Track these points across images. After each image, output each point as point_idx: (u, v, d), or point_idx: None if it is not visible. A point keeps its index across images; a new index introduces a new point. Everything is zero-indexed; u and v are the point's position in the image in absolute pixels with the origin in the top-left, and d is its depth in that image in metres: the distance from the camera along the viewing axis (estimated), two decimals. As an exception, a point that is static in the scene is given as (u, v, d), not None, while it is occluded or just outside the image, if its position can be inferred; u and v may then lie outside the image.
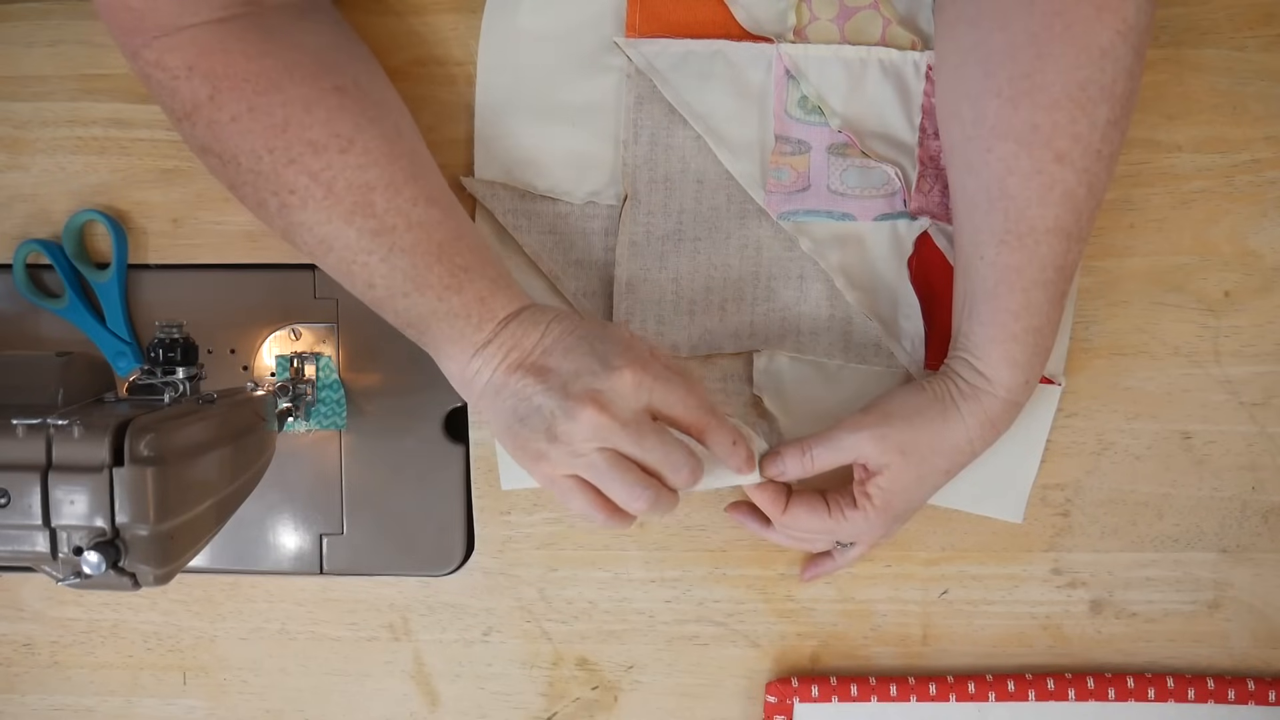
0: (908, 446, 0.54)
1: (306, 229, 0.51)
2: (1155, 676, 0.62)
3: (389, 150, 0.51)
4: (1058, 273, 0.52)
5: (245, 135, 0.50)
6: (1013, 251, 0.52)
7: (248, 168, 0.50)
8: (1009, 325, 0.53)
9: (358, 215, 0.50)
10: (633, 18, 0.60)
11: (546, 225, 0.61)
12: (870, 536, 0.57)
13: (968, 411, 0.54)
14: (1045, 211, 0.51)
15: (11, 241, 0.62)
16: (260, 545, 0.63)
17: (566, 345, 0.50)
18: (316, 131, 0.50)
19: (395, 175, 0.51)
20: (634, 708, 0.65)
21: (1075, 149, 0.50)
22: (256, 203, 0.51)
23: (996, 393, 0.54)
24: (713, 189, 0.61)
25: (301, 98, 0.50)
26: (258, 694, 0.65)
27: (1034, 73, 0.50)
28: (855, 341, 0.61)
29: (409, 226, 0.51)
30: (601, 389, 0.48)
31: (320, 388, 0.63)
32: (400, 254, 0.50)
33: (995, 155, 0.52)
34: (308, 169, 0.50)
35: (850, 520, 0.56)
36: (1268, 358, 0.62)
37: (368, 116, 0.51)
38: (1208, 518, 0.63)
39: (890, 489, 0.55)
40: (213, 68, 0.49)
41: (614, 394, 0.48)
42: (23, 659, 0.65)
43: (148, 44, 0.49)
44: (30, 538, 0.43)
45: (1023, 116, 0.51)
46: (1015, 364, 0.53)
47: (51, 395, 0.48)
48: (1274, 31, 0.61)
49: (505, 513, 0.63)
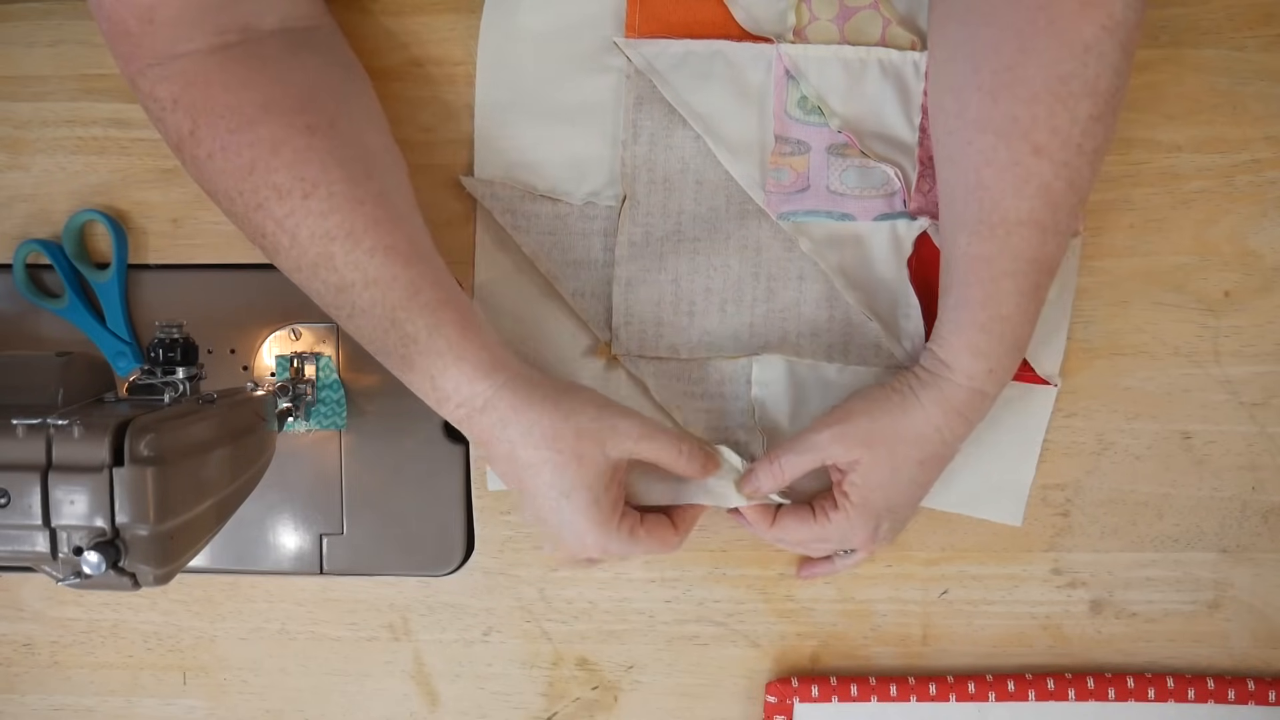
0: (870, 438, 0.54)
1: (289, 273, 0.52)
2: (1155, 676, 0.62)
3: (352, 194, 0.50)
4: (1030, 264, 0.52)
5: (220, 175, 0.50)
6: (983, 241, 0.52)
7: (226, 208, 0.51)
8: (974, 314, 0.53)
9: (321, 268, 0.50)
10: (632, 18, 0.60)
11: (546, 225, 0.61)
12: (860, 536, 0.57)
13: (927, 399, 0.54)
14: (1020, 203, 0.51)
15: (11, 241, 0.62)
16: (260, 545, 0.63)
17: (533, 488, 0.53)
18: (281, 175, 0.49)
19: (356, 222, 0.50)
20: (634, 708, 0.65)
21: (1054, 142, 0.50)
22: (249, 236, 0.52)
23: (956, 379, 0.54)
24: (712, 189, 0.61)
25: (270, 137, 0.49)
26: (258, 694, 0.65)
27: (1015, 66, 0.50)
28: (855, 342, 0.61)
29: (365, 284, 0.50)
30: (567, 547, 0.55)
31: (320, 388, 0.63)
32: (360, 314, 0.51)
33: (975, 148, 0.52)
34: (272, 215, 0.50)
35: (835, 522, 0.56)
36: (1268, 358, 0.62)
37: (335, 158, 0.50)
38: (1208, 518, 0.63)
39: (865, 484, 0.55)
40: (194, 101, 0.49)
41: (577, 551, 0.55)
42: (23, 659, 0.65)
43: (142, 72, 0.50)
44: (30, 538, 0.43)
45: (1002, 109, 0.51)
46: (977, 352, 0.53)
47: (51, 395, 0.48)
48: (1274, 31, 0.61)
49: (505, 513, 0.63)
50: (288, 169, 0.49)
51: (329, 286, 0.50)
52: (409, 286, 0.51)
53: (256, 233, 0.50)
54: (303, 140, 0.50)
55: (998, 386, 0.54)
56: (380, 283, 0.50)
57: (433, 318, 0.51)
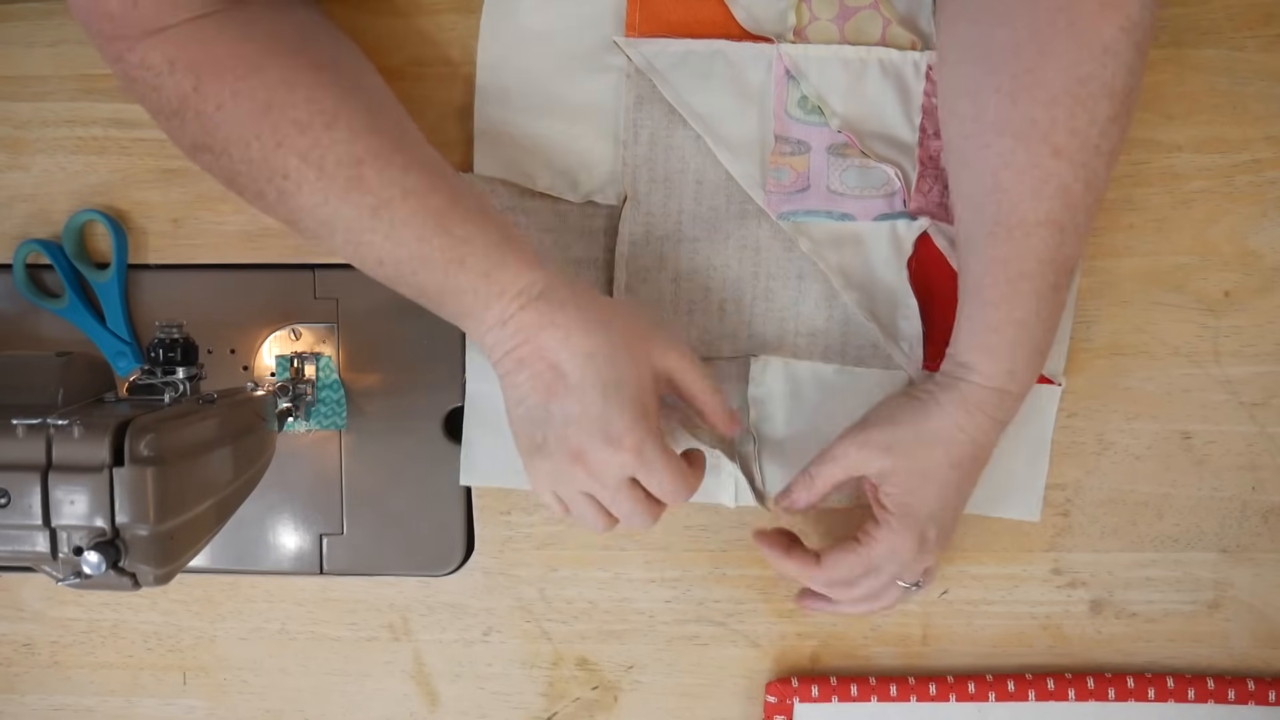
0: (894, 444, 0.54)
1: (307, 213, 0.51)
2: (1155, 676, 0.62)
3: (372, 123, 0.51)
4: (1048, 265, 0.52)
5: (232, 123, 0.49)
6: (1000, 244, 0.52)
7: (240, 157, 0.50)
8: (988, 315, 0.53)
9: (353, 192, 0.50)
10: (632, 17, 0.60)
11: (546, 224, 0.61)
12: (906, 548, 0.55)
13: (946, 400, 0.54)
14: (1038, 205, 0.51)
15: (11, 241, 0.62)
16: (260, 545, 0.63)
17: (579, 379, 0.50)
18: (300, 110, 0.49)
19: (382, 146, 0.50)
20: (634, 708, 0.65)
21: (1073, 144, 0.50)
22: (255, 194, 0.51)
23: (974, 380, 0.54)
24: (712, 189, 0.61)
25: (282, 78, 0.50)
26: (258, 694, 0.65)
27: (1035, 68, 0.50)
28: (853, 342, 0.61)
29: (404, 196, 0.50)
30: (591, 457, 0.50)
31: (320, 388, 0.63)
32: (401, 226, 0.50)
33: (993, 150, 0.52)
34: (296, 149, 0.49)
35: (880, 539, 0.55)
36: (1268, 358, 0.62)
37: (348, 90, 0.51)
38: (1208, 518, 0.63)
39: (899, 491, 0.54)
40: (194, 59, 0.49)
41: (601, 465, 0.50)
42: (23, 659, 0.65)
43: (130, 48, 0.49)
44: (30, 538, 0.43)
45: (1021, 111, 0.50)
46: (992, 353, 0.53)
47: (51, 395, 0.48)
48: (1274, 31, 0.61)
49: (505, 513, 0.63)
50: (305, 104, 0.49)
51: (362, 209, 0.50)
52: (450, 194, 0.51)
53: (276, 173, 0.50)
54: (311, 76, 0.50)
55: (1022, 386, 0.54)
56: (419, 192, 0.50)
57: (481, 218, 0.51)
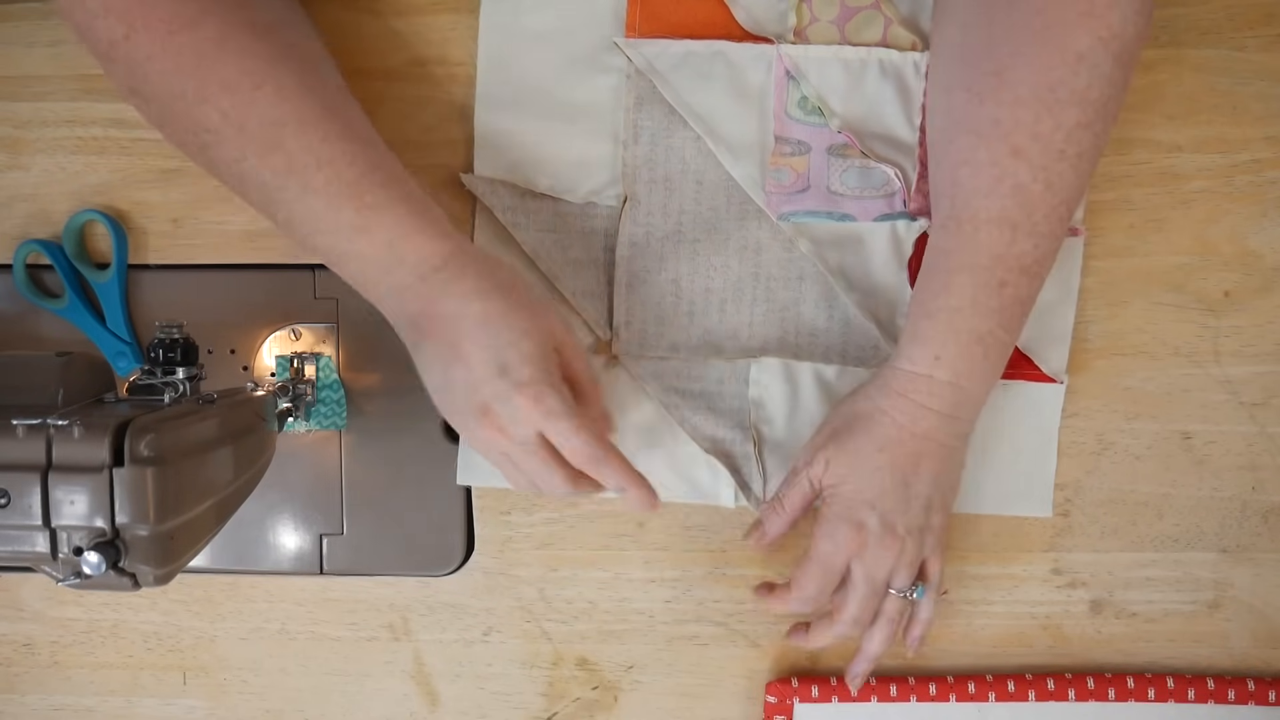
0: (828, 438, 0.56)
1: (225, 166, 0.51)
2: (1155, 676, 0.62)
3: (301, 86, 0.51)
4: (994, 260, 0.51)
5: (160, 74, 0.49)
6: (949, 236, 0.52)
7: (167, 107, 0.50)
8: (925, 302, 0.53)
9: (270, 153, 0.50)
10: (633, 18, 0.60)
11: (546, 224, 0.61)
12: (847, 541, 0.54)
13: (872, 385, 0.55)
14: (990, 202, 0.51)
15: (11, 241, 0.62)
16: (260, 545, 0.63)
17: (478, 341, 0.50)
18: (229, 69, 0.49)
19: (307, 112, 0.50)
20: (634, 708, 0.65)
21: (1034, 146, 0.50)
22: (179, 142, 0.52)
23: (899, 365, 0.54)
24: (712, 190, 0.61)
25: (215, 35, 0.49)
26: (258, 694, 0.65)
27: (1005, 70, 0.50)
28: (853, 343, 0.61)
29: (319, 165, 0.50)
30: (497, 410, 0.50)
31: (320, 388, 0.63)
32: (312, 194, 0.50)
33: (955, 146, 0.52)
34: (219, 107, 0.49)
35: (821, 534, 0.55)
36: (1268, 358, 0.62)
37: (281, 53, 0.51)
38: (1208, 518, 0.63)
39: (834, 480, 0.55)
40: (128, 6, 0.49)
41: (507, 417, 0.50)
42: (23, 659, 0.65)
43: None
44: (30, 538, 0.43)
45: (987, 111, 0.51)
46: (919, 338, 0.53)
47: (51, 395, 0.48)
48: (1274, 31, 0.61)
49: (505, 513, 0.63)
50: (235, 63, 0.49)
51: (276, 171, 0.50)
52: (367, 164, 0.51)
53: (198, 126, 0.50)
54: (248, 37, 0.50)
55: (956, 375, 0.53)
56: (335, 162, 0.50)
57: (394, 188, 0.52)
